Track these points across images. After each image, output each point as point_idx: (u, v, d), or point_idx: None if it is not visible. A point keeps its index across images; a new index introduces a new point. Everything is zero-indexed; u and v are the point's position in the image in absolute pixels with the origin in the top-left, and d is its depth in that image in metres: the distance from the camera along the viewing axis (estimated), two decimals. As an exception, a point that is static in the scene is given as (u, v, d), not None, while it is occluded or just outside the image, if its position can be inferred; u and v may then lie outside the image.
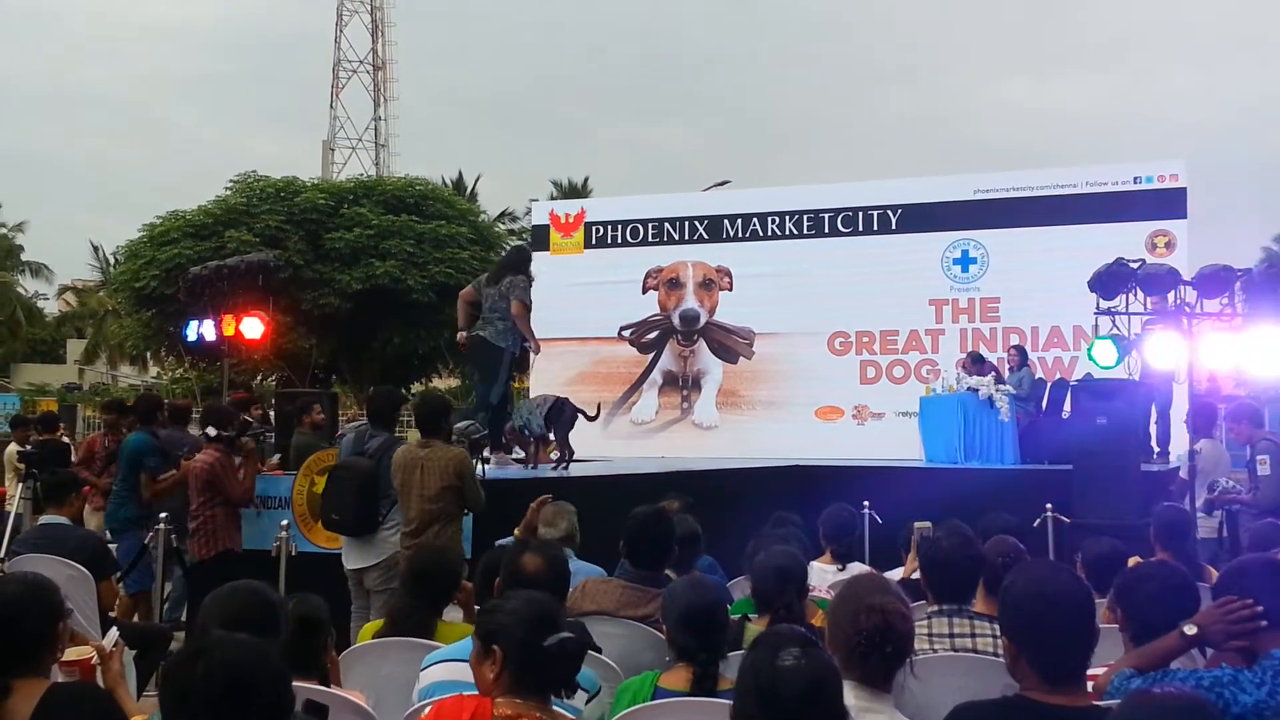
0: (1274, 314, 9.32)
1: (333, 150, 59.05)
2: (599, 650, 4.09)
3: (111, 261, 42.06)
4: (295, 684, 3.33)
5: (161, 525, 7.95)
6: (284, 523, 7.65)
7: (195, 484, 7.87)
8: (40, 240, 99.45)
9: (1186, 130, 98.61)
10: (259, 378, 26.12)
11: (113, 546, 8.03)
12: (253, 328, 11.61)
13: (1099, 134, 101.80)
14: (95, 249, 50.82)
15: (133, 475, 8.97)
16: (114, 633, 3.42)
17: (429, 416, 7.12)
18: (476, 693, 2.96)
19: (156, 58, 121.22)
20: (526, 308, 9.64)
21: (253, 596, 3.01)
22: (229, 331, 11.52)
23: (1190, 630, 3.34)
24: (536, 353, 9.99)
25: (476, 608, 4.65)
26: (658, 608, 4.53)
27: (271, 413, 11.64)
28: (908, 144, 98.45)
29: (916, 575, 4.61)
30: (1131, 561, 4.93)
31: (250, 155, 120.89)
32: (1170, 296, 9.73)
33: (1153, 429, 11.72)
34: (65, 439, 12.72)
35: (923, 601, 4.31)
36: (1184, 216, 15.81)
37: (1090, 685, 3.10)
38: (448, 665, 3.66)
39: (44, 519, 6.85)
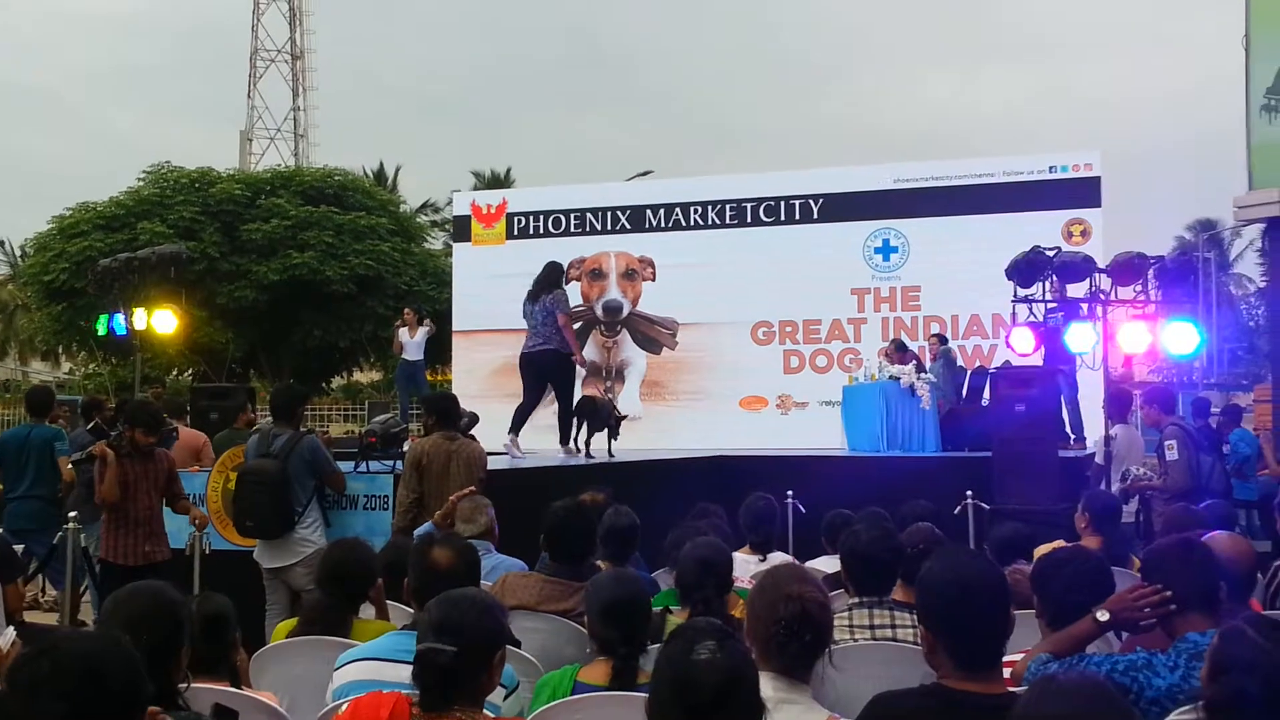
0: (1185, 300, 9.50)
1: (250, 141, 58.15)
2: (518, 645, 4.06)
3: (20, 254, 41.09)
4: (203, 685, 3.28)
5: (70, 525, 7.74)
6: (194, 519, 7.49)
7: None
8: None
9: (1101, 124, 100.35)
10: (174, 372, 25.65)
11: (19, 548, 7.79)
12: (165, 321, 11.38)
13: (1017, 130, 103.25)
14: (1, 243, 49.56)
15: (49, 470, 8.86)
16: (10, 632, 3.31)
17: (449, 411, 7.37)
18: (394, 690, 2.89)
19: (69, 47, 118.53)
20: (570, 319, 10.49)
21: (153, 597, 2.92)
22: (141, 326, 11.26)
23: (1103, 616, 3.37)
24: (582, 365, 10.86)
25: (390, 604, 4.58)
26: (579, 601, 4.49)
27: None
28: (831, 139, 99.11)
29: (836, 569, 4.61)
30: (1048, 547, 4.96)
31: (168, 146, 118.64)
32: (1085, 284, 9.87)
33: (1064, 415, 11.88)
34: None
35: (841, 591, 4.31)
36: (1099, 205, 16.11)
37: (1008, 672, 3.10)
38: (363, 664, 3.58)
39: None
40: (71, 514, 7.85)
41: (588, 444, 10.70)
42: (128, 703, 2.28)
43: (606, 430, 10.76)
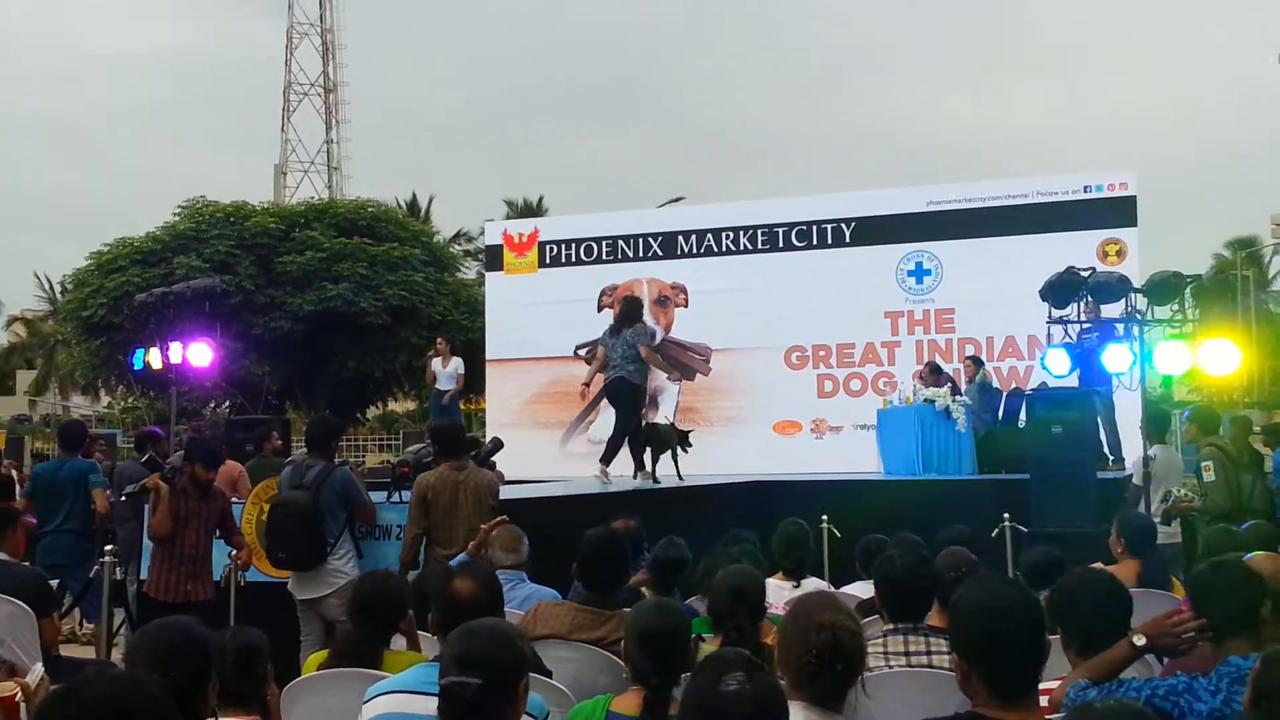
0: (1223, 319, 9.38)
1: (285, 174, 58.74)
2: (548, 674, 4.03)
3: (60, 290, 41.57)
4: (234, 719, 3.27)
5: (106, 559, 7.78)
6: (232, 553, 7.51)
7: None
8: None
9: (1137, 141, 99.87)
10: (211, 405, 25.82)
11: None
12: (200, 354, 11.42)
13: (1045, 146, 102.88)
14: (39, 280, 50.15)
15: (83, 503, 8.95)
16: (38, 669, 3.31)
17: (452, 442, 7.39)
18: (423, 723, 2.87)
19: (106, 85, 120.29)
20: (651, 350, 11.14)
21: (180, 633, 2.91)
22: (175, 359, 11.33)
23: (1140, 641, 3.31)
24: (677, 380, 11.79)
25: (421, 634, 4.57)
26: (612, 629, 4.46)
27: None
28: (859, 157, 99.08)
29: (870, 594, 4.56)
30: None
31: (202, 181, 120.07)
32: (1121, 304, 9.79)
33: (1102, 435, 11.76)
34: (8, 471, 12.49)
35: (876, 617, 4.26)
36: (1134, 225, 15.96)
37: (1045, 700, 3.05)
38: (392, 697, 3.55)
39: None
40: (108, 548, 7.91)
41: (653, 468, 11.07)
42: None
43: (672, 454, 11.21)
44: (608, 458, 11.04)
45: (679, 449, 11.23)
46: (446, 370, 15.67)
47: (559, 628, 4.58)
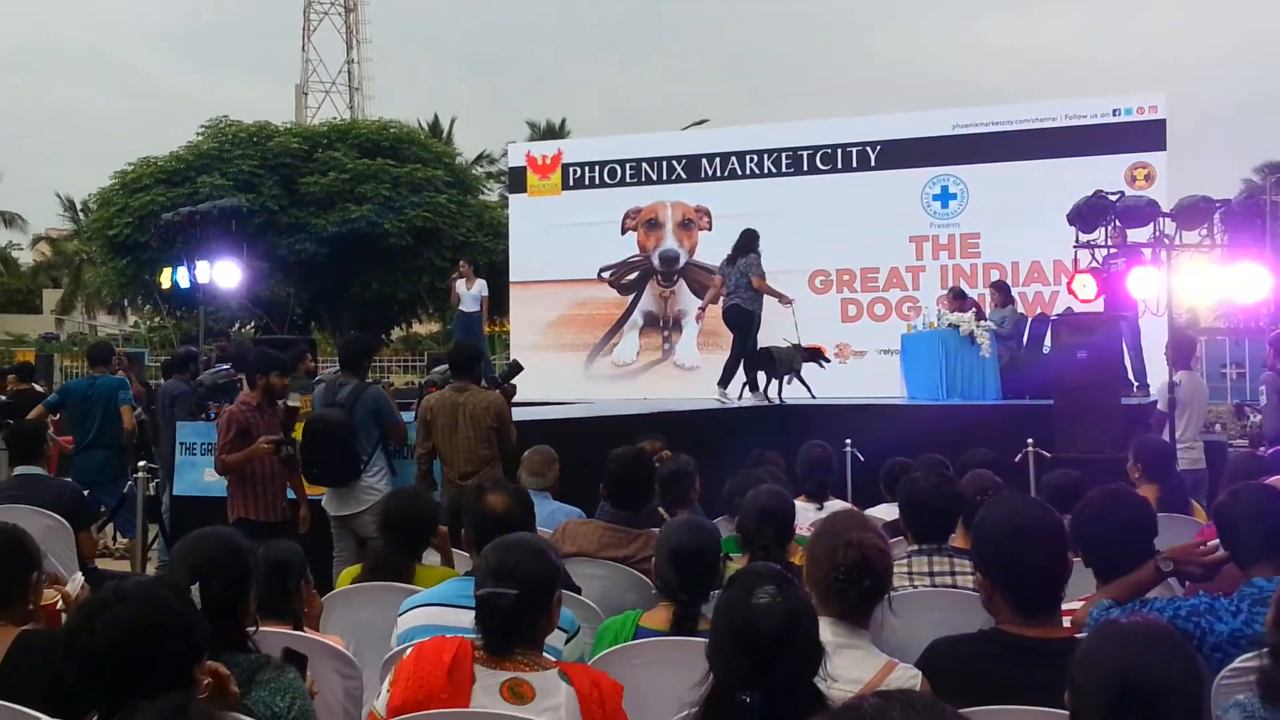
0: (1253, 245, 9.32)
1: (306, 94, 58.42)
2: (578, 591, 4.10)
3: (83, 210, 41.64)
4: (272, 629, 3.35)
5: (140, 474, 7.90)
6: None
7: None
8: (12, 190, 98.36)
9: (1166, 65, 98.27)
10: (236, 325, 25.96)
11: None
12: (227, 274, 11.48)
13: (1078, 72, 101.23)
14: (61, 200, 50.11)
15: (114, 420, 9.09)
16: (78, 578, 3.40)
17: (464, 361, 7.43)
18: (457, 635, 2.94)
19: (125, 7, 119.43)
20: (763, 279, 11.77)
21: (220, 543, 2.97)
22: (203, 278, 11.39)
23: (1166, 566, 3.35)
24: (787, 303, 12.06)
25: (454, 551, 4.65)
26: (640, 547, 4.54)
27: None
28: (885, 86, 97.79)
29: (895, 516, 4.60)
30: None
31: (223, 101, 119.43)
32: (1149, 228, 9.71)
33: (1127, 361, 11.73)
34: (40, 388, 12.64)
35: (900, 539, 4.31)
36: (1164, 149, 15.79)
37: (1068, 620, 3.10)
38: (427, 609, 3.64)
39: (19, 469, 6.79)
40: (141, 463, 8.02)
41: (774, 390, 12.04)
42: (182, 656, 2.36)
43: (794, 376, 12.11)
44: (725, 379, 11.98)
45: (808, 367, 12.16)
46: (470, 292, 15.70)
47: (587, 545, 4.65)
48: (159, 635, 2.32)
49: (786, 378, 12.02)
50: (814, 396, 12.14)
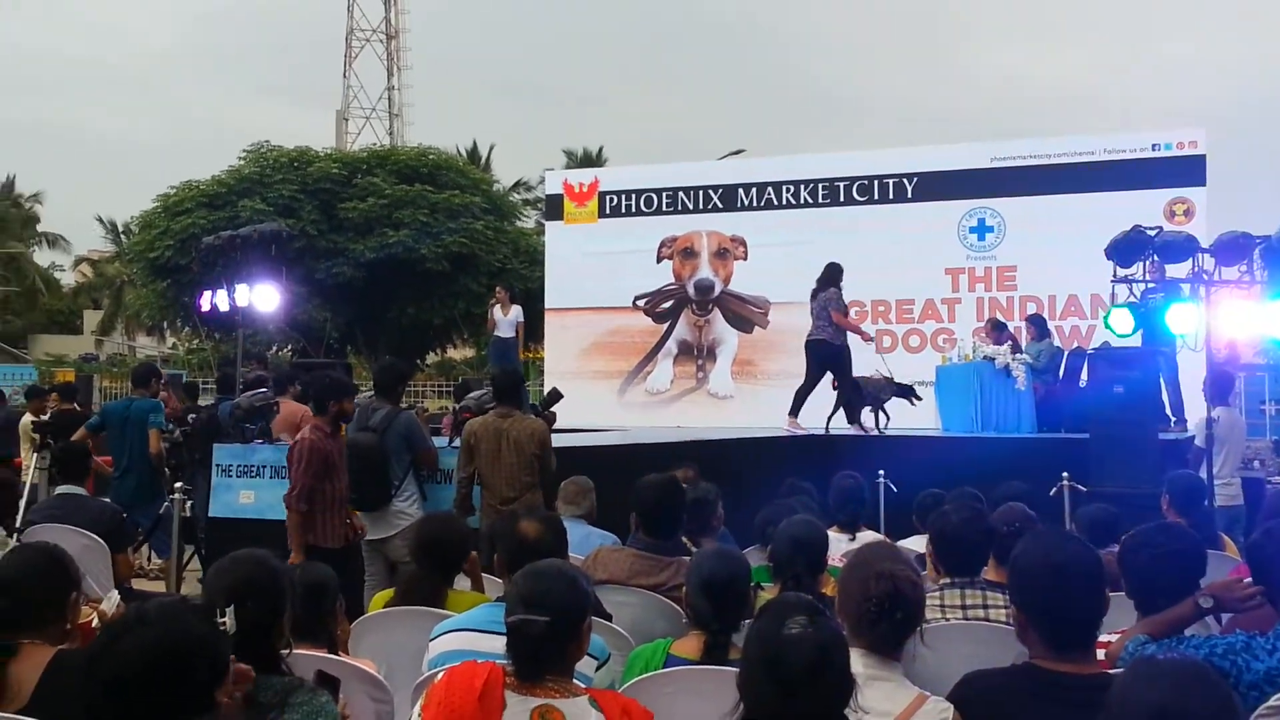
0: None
1: (346, 120, 58.97)
2: (609, 618, 4.10)
3: (125, 233, 42.12)
4: (304, 652, 3.37)
5: (176, 495, 7.98)
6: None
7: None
8: (56, 212, 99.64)
9: (1208, 99, 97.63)
10: (274, 348, 26.16)
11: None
12: (266, 297, 11.58)
13: (1114, 107, 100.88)
14: (103, 223, 50.66)
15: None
16: (114, 596, 3.43)
17: (509, 389, 7.47)
18: (488, 660, 2.95)
19: (168, 32, 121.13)
20: (843, 314, 12.11)
21: (255, 566, 3.00)
22: (242, 302, 11.49)
23: (1206, 602, 3.32)
24: (869, 340, 12.66)
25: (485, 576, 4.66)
26: (670, 576, 4.53)
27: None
28: (924, 115, 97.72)
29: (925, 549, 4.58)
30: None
31: (264, 127, 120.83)
32: (1188, 264, 9.64)
33: (1164, 397, 11.63)
34: (79, 409, 12.77)
35: (930, 571, 4.29)
36: (1203, 184, 15.69)
37: (1103, 653, 3.08)
38: (459, 634, 3.65)
39: (60, 489, 6.88)
40: (178, 484, 8.09)
41: (870, 420, 12.30)
42: (206, 680, 2.37)
43: (874, 407, 12.25)
44: (795, 409, 12.20)
45: (900, 400, 12.32)
46: (507, 318, 15.77)
47: (618, 573, 4.65)
48: (182, 660, 2.33)
49: (869, 408, 12.24)
50: (879, 431, 12.24)
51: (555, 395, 8.14)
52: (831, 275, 12.26)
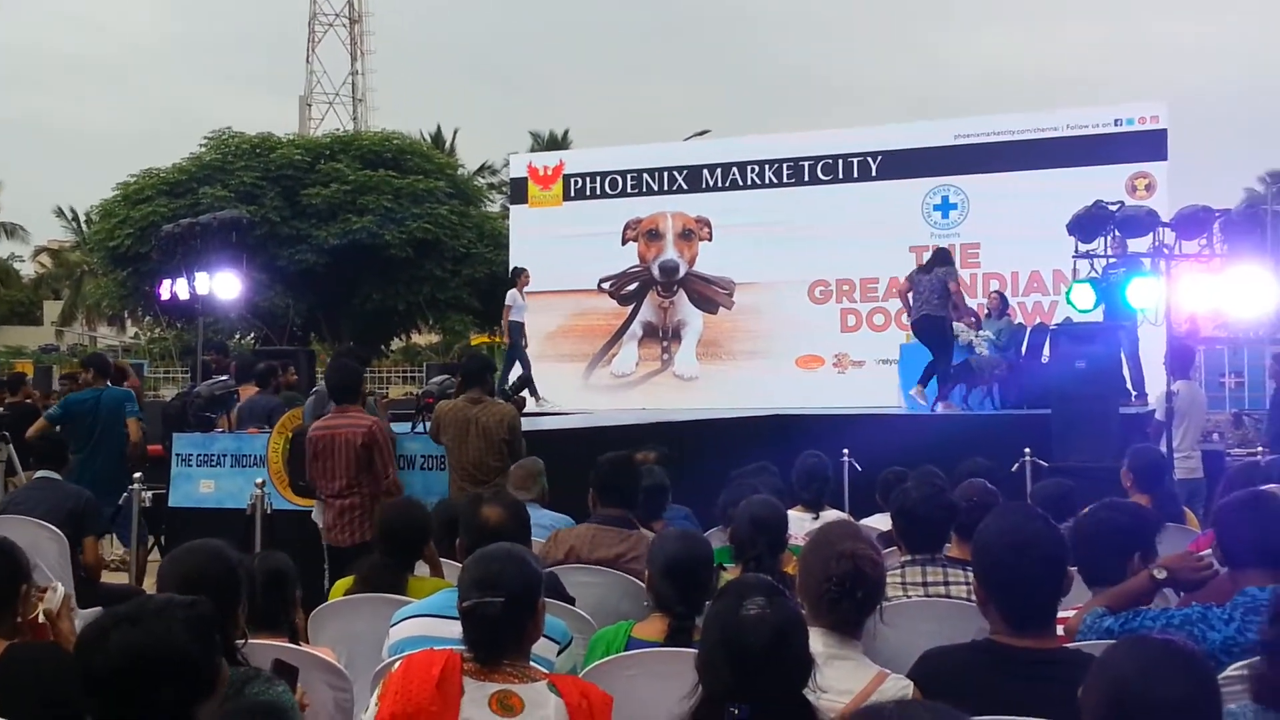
0: (1253, 254, 9.29)
1: (310, 106, 58.55)
2: (571, 601, 4.09)
3: (85, 222, 41.69)
4: (263, 641, 3.34)
5: (135, 485, 7.89)
6: (259, 480, 7.57)
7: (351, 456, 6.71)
8: (14, 202, 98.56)
9: (1169, 75, 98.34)
10: (236, 336, 25.97)
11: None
12: (227, 285, 11.48)
13: (1080, 84, 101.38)
14: (62, 213, 50.07)
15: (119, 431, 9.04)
16: (59, 590, 3.36)
17: (477, 372, 7.36)
18: (446, 647, 2.92)
19: (129, 19, 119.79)
20: (959, 285, 12.24)
21: (209, 557, 2.96)
22: (202, 290, 11.38)
23: (1160, 574, 3.33)
24: (969, 318, 12.84)
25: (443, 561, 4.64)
26: (631, 547, 4.58)
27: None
28: (888, 96, 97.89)
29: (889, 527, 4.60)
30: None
31: (227, 114, 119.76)
32: (1149, 238, 9.70)
33: (1125, 371, 11.71)
34: (30, 401, 12.63)
35: (894, 549, 4.30)
36: (1165, 159, 15.80)
37: (1061, 628, 3.09)
38: (419, 620, 3.63)
39: (39, 473, 6.83)
40: (137, 474, 8.00)
41: (976, 399, 12.64)
42: (187, 692, 2.32)
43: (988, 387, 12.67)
44: (925, 379, 12.16)
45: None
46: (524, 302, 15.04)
47: (580, 546, 4.69)
48: (165, 666, 2.28)
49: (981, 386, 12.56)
50: (965, 408, 12.47)
51: (526, 380, 8.10)
52: (943, 256, 12.34)
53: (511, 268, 16.48)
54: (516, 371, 13.58)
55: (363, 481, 6.59)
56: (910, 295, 12.07)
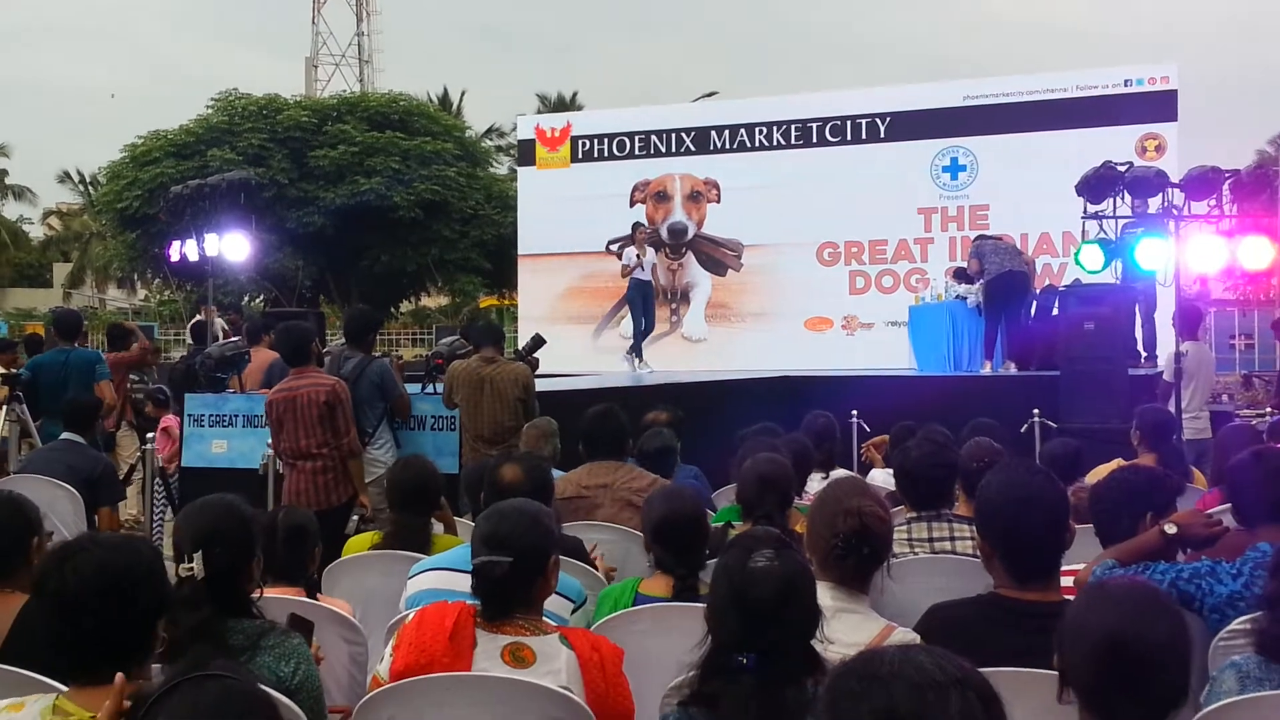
0: (1262, 215, 9.28)
1: (316, 67, 58.23)
2: (592, 565, 4.13)
3: (93, 183, 41.64)
4: (277, 594, 3.38)
5: (148, 446, 7.94)
6: (270, 441, 7.62)
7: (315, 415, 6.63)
8: (23, 164, 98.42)
9: (1181, 35, 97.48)
10: (245, 298, 26.00)
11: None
12: (236, 247, 11.49)
13: (1091, 44, 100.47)
14: (68, 176, 49.90)
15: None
16: None
17: (489, 333, 7.59)
18: (460, 600, 2.96)
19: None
20: None
21: (223, 511, 2.99)
22: (211, 251, 11.40)
23: (1170, 530, 3.36)
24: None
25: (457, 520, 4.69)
26: (622, 476, 4.81)
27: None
28: (896, 59, 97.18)
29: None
30: (1105, 467, 4.94)
31: (233, 75, 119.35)
32: (1158, 199, 9.68)
33: (1138, 332, 11.71)
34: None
35: (902, 506, 4.33)
36: (1174, 119, 15.70)
37: (1070, 580, 3.12)
38: (436, 574, 3.67)
39: (65, 434, 6.88)
40: (150, 435, 8.03)
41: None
42: (150, 607, 2.40)
43: None
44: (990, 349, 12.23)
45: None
46: (646, 258, 14.63)
47: (573, 483, 4.86)
48: (129, 581, 2.34)
49: None
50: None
51: (538, 340, 8.11)
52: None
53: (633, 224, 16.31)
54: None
55: (330, 442, 6.56)
56: (983, 259, 12.15)
